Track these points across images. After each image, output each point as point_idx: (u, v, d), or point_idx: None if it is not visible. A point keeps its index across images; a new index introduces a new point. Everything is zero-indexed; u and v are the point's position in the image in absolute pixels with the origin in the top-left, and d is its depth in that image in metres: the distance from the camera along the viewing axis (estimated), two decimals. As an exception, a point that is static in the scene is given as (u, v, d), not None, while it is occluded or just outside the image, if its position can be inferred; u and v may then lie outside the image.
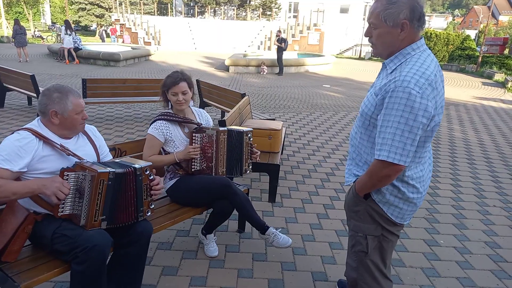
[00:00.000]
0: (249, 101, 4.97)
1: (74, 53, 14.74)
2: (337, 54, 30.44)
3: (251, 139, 2.69)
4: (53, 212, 1.80)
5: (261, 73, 15.19)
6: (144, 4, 40.02)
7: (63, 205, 1.77)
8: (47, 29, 45.55)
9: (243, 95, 5.07)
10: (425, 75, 1.43)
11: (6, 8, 49.91)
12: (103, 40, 26.35)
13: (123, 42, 23.95)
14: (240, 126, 3.93)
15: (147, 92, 6.18)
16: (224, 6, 35.83)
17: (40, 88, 6.35)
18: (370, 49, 37.84)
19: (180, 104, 2.54)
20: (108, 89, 5.82)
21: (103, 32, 27.20)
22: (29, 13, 45.85)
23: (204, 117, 2.78)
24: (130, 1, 39.15)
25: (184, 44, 25.42)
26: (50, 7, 54.46)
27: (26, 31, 15.17)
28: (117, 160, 2.04)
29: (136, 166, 1.92)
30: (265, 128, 3.84)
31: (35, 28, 35.06)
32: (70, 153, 1.88)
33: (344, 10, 36.06)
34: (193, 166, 2.55)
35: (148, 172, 1.96)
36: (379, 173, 1.50)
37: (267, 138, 3.83)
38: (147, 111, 7.24)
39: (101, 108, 7.22)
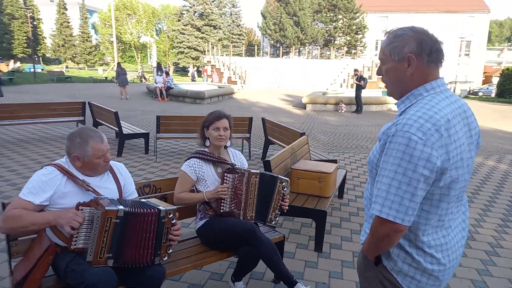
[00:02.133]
0: (307, 141, 4.80)
1: (164, 92, 16.27)
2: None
3: (286, 188, 2.54)
4: (67, 245, 1.86)
5: (339, 111, 14.86)
6: (235, 46, 43.08)
7: (76, 238, 1.82)
8: (152, 70, 51.70)
9: (302, 134, 4.93)
10: (432, 119, 1.20)
11: (121, 53, 58.18)
12: (193, 80, 28.78)
13: (211, 81, 25.82)
14: (292, 167, 3.79)
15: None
16: (309, 46, 36.64)
17: (122, 123, 7.04)
18: (466, 86, 34.86)
19: (220, 139, 2.54)
20: (180, 126, 6.19)
21: (195, 72, 29.75)
22: (138, 57, 52.62)
23: (239, 159, 2.73)
24: (222, 44, 42.56)
25: (268, 83, 26.37)
26: (157, 51, 61.82)
27: (134, 72, 17.30)
28: (143, 200, 2.06)
29: (161, 208, 1.92)
30: (315, 171, 3.62)
31: (140, 69, 39.88)
32: (89, 189, 1.95)
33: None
34: (222, 207, 2.47)
35: (171, 215, 1.95)
36: (377, 231, 1.27)
37: (317, 181, 3.60)
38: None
39: (176, 142, 7.70)
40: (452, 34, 36.98)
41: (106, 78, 28.77)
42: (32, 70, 31.79)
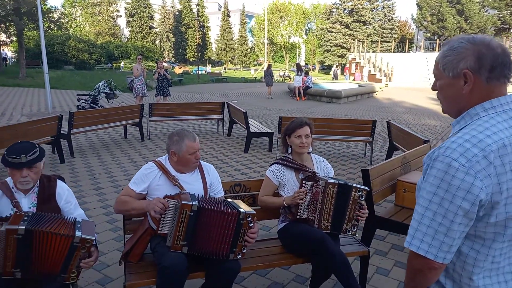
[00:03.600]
0: (430, 149, 4.30)
1: (302, 91, 16.71)
2: None
3: (363, 197, 2.41)
4: (156, 229, 2.24)
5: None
6: (384, 41, 40.60)
7: (162, 225, 2.18)
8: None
9: (426, 142, 4.45)
10: (481, 144, 1.02)
11: (272, 54, 61.92)
12: (335, 78, 28.49)
13: (353, 79, 25.10)
14: (398, 178, 3.51)
15: (335, 131, 6.37)
16: (475, 36, 31.62)
17: (251, 122, 7.64)
18: None
19: (303, 147, 2.60)
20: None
21: (337, 71, 29.39)
22: (286, 57, 55.08)
23: (323, 166, 2.72)
24: (371, 40, 40.69)
25: (419, 80, 24.04)
26: (305, 50, 63.51)
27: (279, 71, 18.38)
28: (230, 201, 2.29)
29: (241, 210, 2.12)
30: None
31: (285, 69, 41.70)
32: (176, 184, 2.30)
33: None
34: (299, 213, 2.52)
35: (250, 219, 2.13)
36: (411, 264, 1.16)
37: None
38: (353, 150, 7.39)
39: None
40: None
41: (255, 78, 31.20)
42: (203, 72, 37.06)
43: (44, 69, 11.56)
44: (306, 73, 17.54)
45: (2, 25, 25.02)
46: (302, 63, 63.11)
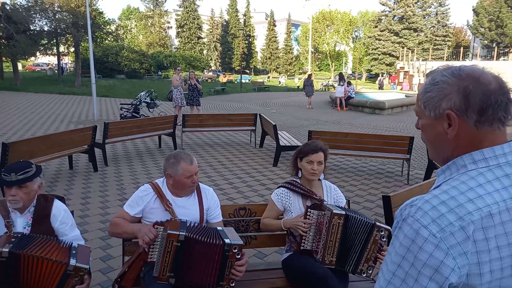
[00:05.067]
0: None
1: (343, 101, 16.22)
2: None
3: (384, 238, 2.16)
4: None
5: None
6: (437, 49, 38.60)
7: (151, 253, 2.09)
8: (346, 77, 52.31)
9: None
10: (460, 210, 0.79)
11: (318, 62, 61.30)
12: (381, 88, 27.42)
13: (401, 89, 24.01)
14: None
15: (370, 147, 6.01)
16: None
17: (283, 134, 7.48)
18: None
19: (313, 174, 2.41)
20: (331, 142, 6.08)
21: (383, 80, 28.29)
22: (331, 65, 54.20)
23: (333, 194, 2.50)
24: (422, 48, 38.89)
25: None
26: (352, 58, 62.16)
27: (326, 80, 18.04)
28: (219, 229, 2.16)
29: (226, 241, 1.98)
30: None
31: (329, 78, 40.95)
32: (168, 210, 2.20)
33: None
34: (302, 244, 2.32)
35: (236, 250, 1.99)
36: None
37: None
38: (390, 166, 6.98)
39: (341, 159, 7.59)
40: None
41: (298, 87, 30.94)
42: (246, 81, 37.52)
43: (92, 79, 12.23)
44: (349, 83, 17.02)
45: (62, 38, 27.04)
46: (349, 72, 61.89)
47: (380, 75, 32.68)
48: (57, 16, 24.64)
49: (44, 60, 47.23)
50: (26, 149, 5.01)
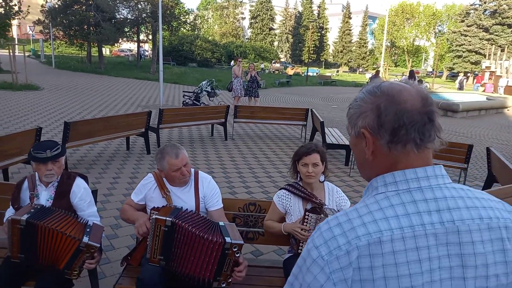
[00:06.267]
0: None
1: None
2: None
3: None
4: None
5: None
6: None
7: (149, 236, 2.20)
8: (425, 75, 48.83)
9: (521, 182, 3.56)
10: (351, 234, 0.73)
11: (394, 58, 57.92)
12: (461, 88, 25.04)
13: (483, 91, 21.75)
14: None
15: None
16: None
17: (331, 131, 7.28)
18: None
19: (309, 176, 2.33)
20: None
21: (463, 80, 25.81)
22: (408, 61, 50.88)
23: (336, 198, 2.39)
24: (516, 46, 34.69)
25: None
26: (434, 55, 57.79)
27: (395, 77, 17.15)
28: (222, 224, 2.18)
29: (227, 240, 1.99)
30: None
31: (402, 74, 38.45)
32: (164, 197, 2.29)
33: None
34: (300, 248, 2.27)
35: (236, 249, 2.00)
36: None
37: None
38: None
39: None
40: None
41: (367, 82, 29.63)
42: (314, 74, 37.00)
43: (159, 67, 13.00)
44: (420, 81, 15.91)
45: (142, 26, 29.03)
46: (428, 69, 57.54)
47: (462, 74, 29.75)
48: (138, 6, 26.47)
49: (128, 46, 51.23)
50: (86, 129, 5.53)
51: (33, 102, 11.48)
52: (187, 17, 34.96)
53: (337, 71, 47.21)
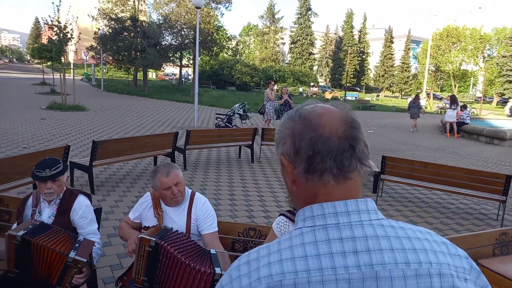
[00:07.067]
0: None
1: (455, 127, 14.43)
2: None
3: None
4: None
5: None
6: None
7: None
8: (473, 100, 46.43)
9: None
10: (254, 275, 0.66)
11: (440, 82, 55.87)
12: (511, 115, 23.44)
13: (537, 118, 20.24)
14: (489, 261, 2.61)
15: (453, 182, 5.21)
16: None
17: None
18: None
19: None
20: (406, 170, 5.47)
21: (515, 105, 24.17)
22: (454, 86, 48.79)
23: None
24: None
25: None
26: (483, 80, 55.12)
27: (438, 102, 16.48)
28: (212, 252, 2.09)
29: (217, 270, 1.92)
30: (508, 276, 2.32)
31: (444, 100, 36.76)
32: (156, 216, 2.27)
33: None
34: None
35: None
36: None
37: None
38: (486, 207, 6.01)
39: (403, 187, 6.79)
40: None
41: (408, 107, 28.64)
42: (353, 98, 36.52)
43: (195, 90, 13.39)
44: (464, 107, 15.11)
45: (185, 51, 30.34)
46: (478, 94, 54.69)
47: (511, 100, 27.94)
48: (182, 32, 27.78)
49: (172, 70, 53.59)
50: (114, 148, 5.74)
51: (77, 122, 12.20)
52: (229, 42, 36.08)
53: (378, 96, 46.18)
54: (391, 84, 58.54)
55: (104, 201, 5.12)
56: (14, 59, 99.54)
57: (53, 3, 16.46)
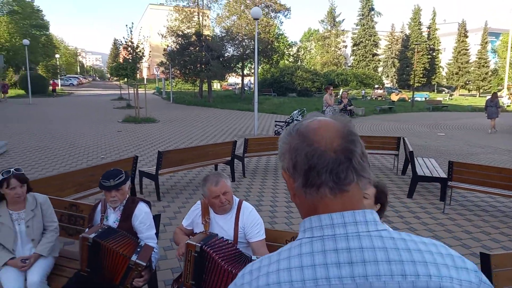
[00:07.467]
0: None
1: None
2: None
3: None
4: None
5: None
6: None
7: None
8: None
9: None
10: (253, 284, 0.72)
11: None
12: None
13: None
14: None
15: (502, 184, 4.70)
16: None
17: (424, 161, 6.63)
18: None
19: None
20: (477, 176, 5.04)
21: None
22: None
23: None
24: None
25: None
26: None
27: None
28: (254, 258, 2.19)
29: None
30: None
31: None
32: (203, 223, 2.40)
33: None
34: None
35: None
36: None
37: None
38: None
39: (476, 195, 6.19)
40: None
41: (485, 107, 26.16)
42: (422, 99, 34.42)
43: (254, 98, 13.67)
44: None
45: (246, 61, 31.15)
46: None
47: None
48: (243, 43, 28.60)
49: (235, 80, 55.21)
50: (177, 157, 6.12)
51: (148, 133, 13.16)
52: (290, 49, 36.29)
53: (450, 95, 42.86)
54: (467, 82, 53.96)
55: (169, 207, 5.48)
56: (97, 77, 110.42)
57: (126, 25, 18.06)
